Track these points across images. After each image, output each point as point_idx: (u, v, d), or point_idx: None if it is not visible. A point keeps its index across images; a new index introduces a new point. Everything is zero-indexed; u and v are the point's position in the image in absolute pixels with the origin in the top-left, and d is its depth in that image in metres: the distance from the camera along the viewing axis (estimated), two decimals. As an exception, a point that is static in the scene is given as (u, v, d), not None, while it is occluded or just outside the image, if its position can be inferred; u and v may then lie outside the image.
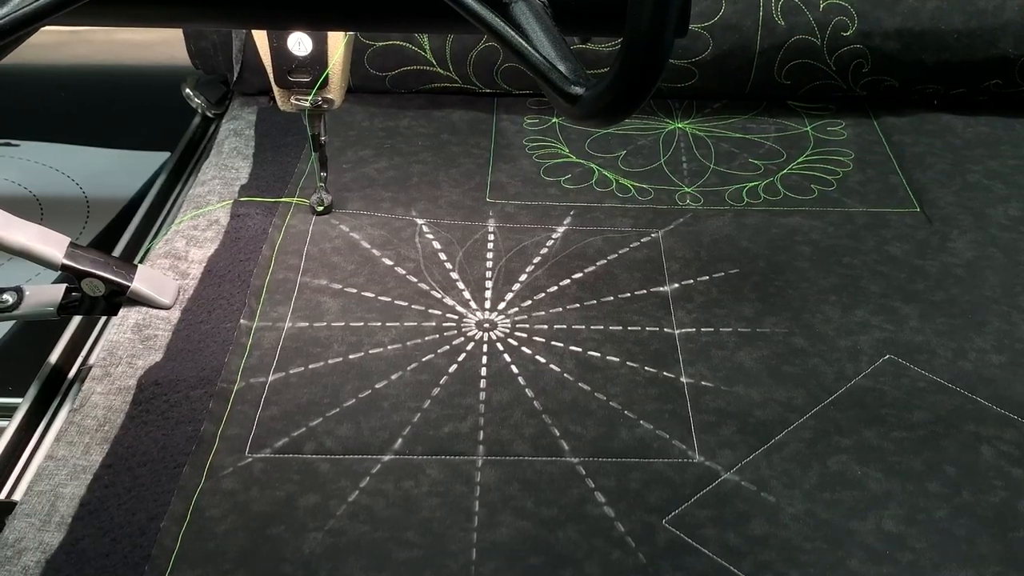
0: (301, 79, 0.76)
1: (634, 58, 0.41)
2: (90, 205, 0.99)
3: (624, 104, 0.44)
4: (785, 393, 0.68)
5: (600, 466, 0.62)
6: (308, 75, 0.75)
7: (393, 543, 0.58)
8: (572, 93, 0.45)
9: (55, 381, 0.74)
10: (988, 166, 0.92)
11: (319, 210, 0.83)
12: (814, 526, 0.59)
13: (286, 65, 0.75)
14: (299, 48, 0.74)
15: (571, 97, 0.45)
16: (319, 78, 0.75)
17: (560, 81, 0.46)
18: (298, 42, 0.74)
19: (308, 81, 0.76)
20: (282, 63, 0.75)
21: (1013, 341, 0.72)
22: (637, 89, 0.42)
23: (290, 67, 0.75)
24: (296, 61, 0.75)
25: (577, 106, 0.45)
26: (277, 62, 0.75)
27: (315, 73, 0.75)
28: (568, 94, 0.45)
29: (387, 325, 0.73)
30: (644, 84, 0.42)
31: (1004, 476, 0.62)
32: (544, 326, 0.73)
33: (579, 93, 0.45)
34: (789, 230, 0.83)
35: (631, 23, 0.41)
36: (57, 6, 0.46)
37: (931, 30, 0.94)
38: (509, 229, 0.83)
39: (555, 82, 0.46)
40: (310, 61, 0.75)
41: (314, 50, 0.74)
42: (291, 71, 0.75)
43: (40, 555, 0.57)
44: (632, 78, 0.42)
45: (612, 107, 0.44)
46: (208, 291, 0.75)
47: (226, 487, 0.61)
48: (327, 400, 0.67)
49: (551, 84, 0.46)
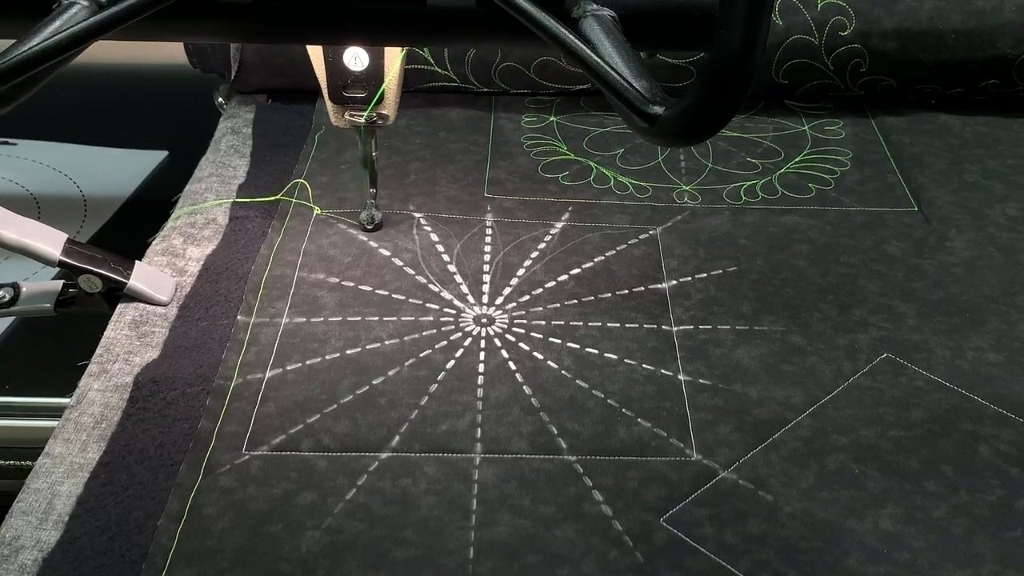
0: (356, 94, 0.73)
1: (722, 75, 0.39)
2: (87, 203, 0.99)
3: (708, 124, 0.42)
4: (783, 391, 0.68)
5: (598, 464, 0.62)
6: (363, 90, 0.73)
7: (390, 541, 0.57)
8: (651, 113, 0.43)
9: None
10: (986, 166, 0.92)
11: (369, 228, 0.82)
12: (812, 525, 0.59)
13: (341, 80, 0.73)
14: (355, 63, 0.72)
15: (649, 117, 0.43)
16: (375, 94, 0.73)
17: (637, 100, 0.44)
18: (354, 57, 0.72)
19: (363, 97, 0.73)
20: (337, 78, 0.73)
21: (1011, 340, 0.72)
22: (723, 108, 0.40)
23: (345, 82, 0.73)
24: (351, 76, 0.73)
25: (656, 126, 0.43)
26: (332, 77, 0.73)
27: (371, 88, 0.73)
28: (646, 114, 0.43)
29: (384, 320, 0.73)
30: (731, 103, 0.40)
31: (1001, 475, 0.62)
32: (542, 322, 0.73)
33: (658, 113, 0.43)
34: (787, 229, 0.83)
35: (720, 38, 0.39)
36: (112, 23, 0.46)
37: (929, 30, 0.94)
38: (507, 224, 0.83)
39: (632, 101, 0.44)
40: (366, 76, 0.73)
41: (370, 65, 0.72)
42: (346, 86, 0.73)
43: (37, 553, 0.57)
44: (719, 97, 0.40)
45: (695, 127, 0.42)
46: (206, 288, 0.75)
47: (223, 485, 0.61)
48: (324, 397, 0.67)
49: (627, 103, 0.44)
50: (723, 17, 0.38)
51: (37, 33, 0.47)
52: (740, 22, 0.38)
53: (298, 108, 0.98)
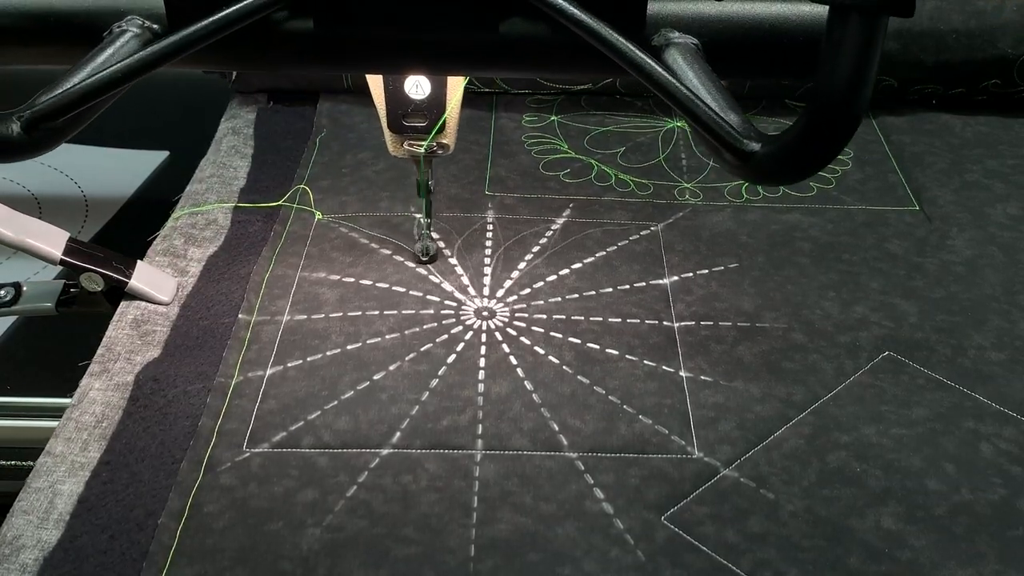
0: (416, 123, 0.70)
1: (827, 112, 0.37)
2: (88, 203, 0.99)
3: (809, 164, 0.39)
4: (784, 389, 0.68)
5: (599, 461, 0.62)
6: (423, 119, 0.70)
7: (391, 539, 0.57)
8: (746, 150, 0.40)
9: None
10: (987, 165, 0.92)
11: (424, 259, 0.78)
12: (813, 523, 0.59)
13: (401, 109, 0.69)
14: (416, 91, 0.69)
15: (744, 154, 0.41)
16: (436, 123, 0.70)
17: (730, 136, 0.41)
18: (416, 85, 0.69)
19: (424, 126, 0.70)
20: (397, 107, 0.69)
21: (1012, 339, 0.72)
22: (827, 149, 0.38)
23: (405, 111, 0.70)
24: (412, 105, 0.69)
25: (750, 164, 0.41)
26: (392, 105, 0.70)
27: (432, 117, 0.70)
28: (741, 151, 0.41)
29: (385, 314, 0.73)
30: (835, 144, 0.38)
31: (1003, 474, 0.62)
32: (543, 316, 0.73)
33: (754, 150, 0.40)
34: (789, 226, 0.83)
35: (825, 73, 0.36)
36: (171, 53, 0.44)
37: (930, 30, 0.94)
38: (508, 220, 0.83)
39: (724, 137, 0.41)
40: (427, 105, 0.69)
41: (432, 93, 0.69)
42: (406, 115, 0.70)
43: (38, 552, 0.57)
44: (823, 136, 0.37)
45: (794, 167, 0.40)
46: (207, 288, 0.75)
47: (224, 483, 0.61)
48: (325, 393, 0.67)
49: (719, 139, 0.41)
50: (829, 50, 0.36)
51: (90, 62, 0.46)
52: (849, 56, 0.35)
53: (300, 110, 0.98)
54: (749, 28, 0.49)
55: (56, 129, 0.45)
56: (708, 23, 0.48)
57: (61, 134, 0.46)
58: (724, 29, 0.48)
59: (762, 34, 0.49)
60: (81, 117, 0.46)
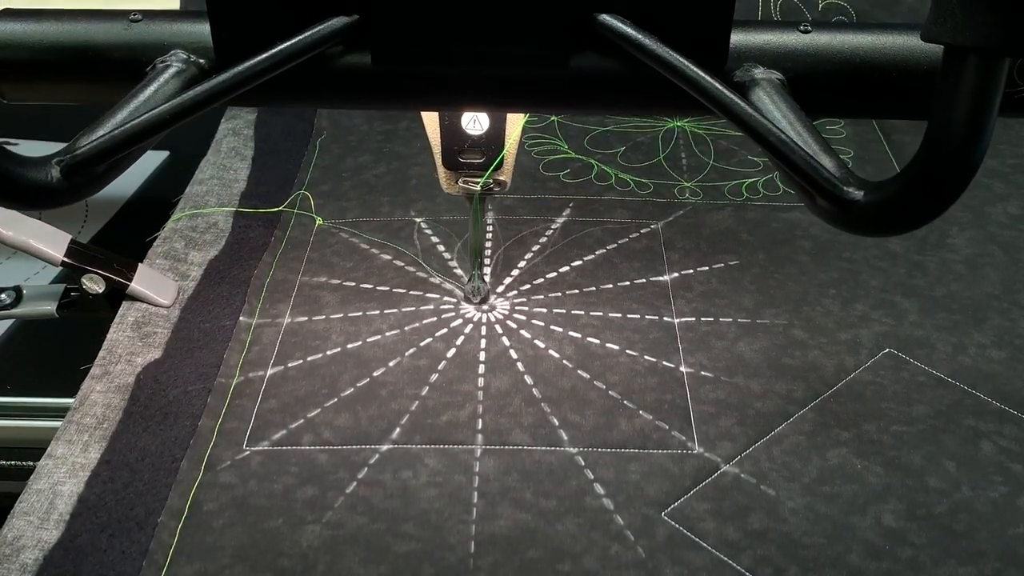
0: (472, 160, 0.66)
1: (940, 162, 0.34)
2: (88, 204, 0.99)
3: (918, 216, 0.36)
4: (785, 385, 0.68)
5: (599, 457, 0.62)
6: (480, 156, 0.66)
7: (391, 535, 0.57)
8: (847, 199, 0.37)
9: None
10: (987, 165, 0.92)
11: (475, 301, 0.74)
12: (813, 520, 0.59)
13: (457, 145, 0.65)
14: (474, 127, 0.65)
15: (844, 203, 0.37)
16: (494, 159, 0.66)
17: (829, 184, 0.37)
18: (473, 119, 0.65)
19: (481, 163, 0.66)
20: (452, 143, 0.65)
21: (1013, 337, 0.72)
22: (940, 199, 0.35)
23: (461, 147, 0.66)
24: (469, 141, 0.65)
25: (851, 213, 0.37)
26: (448, 142, 0.66)
27: (490, 154, 0.66)
28: (841, 199, 0.37)
29: (385, 312, 0.73)
30: (949, 195, 0.35)
31: (1004, 472, 0.62)
32: (543, 309, 0.73)
33: (856, 199, 0.37)
34: (789, 224, 0.83)
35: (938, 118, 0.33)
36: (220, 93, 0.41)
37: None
38: (508, 220, 0.83)
39: (823, 184, 0.37)
40: (485, 141, 0.65)
41: (490, 129, 0.65)
42: (462, 151, 0.66)
43: (38, 552, 0.57)
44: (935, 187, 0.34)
45: (901, 219, 0.36)
46: (208, 291, 0.75)
47: (224, 481, 0.61)
48: (325, 391, 0.67)
49: (816, 186, 0.38)
50: (943, 93, 0.33)
51: (132, 100, 0.43)
52: (966, 101, 0.32)
53: (300, 112, 0.98)
54: (839, 62, 0.45)
55: (98, 174, 0.42)
56: (794, 56, 0.45)
57: (103, 179, 0.43)
58: (812, 63, 0.45)
59: (853, 68, 0.45)
60: (124, 161, 0.44)
